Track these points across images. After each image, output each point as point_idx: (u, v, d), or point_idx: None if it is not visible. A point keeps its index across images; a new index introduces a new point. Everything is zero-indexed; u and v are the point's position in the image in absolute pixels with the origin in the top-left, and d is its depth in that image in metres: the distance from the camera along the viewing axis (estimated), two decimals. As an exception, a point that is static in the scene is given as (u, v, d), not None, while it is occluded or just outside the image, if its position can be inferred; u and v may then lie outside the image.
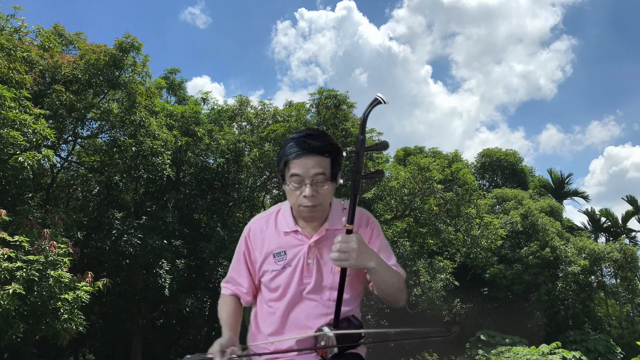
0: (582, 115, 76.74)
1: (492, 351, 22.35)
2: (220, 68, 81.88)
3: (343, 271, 1.88)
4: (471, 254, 25.00)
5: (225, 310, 2.11)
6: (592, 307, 27.71)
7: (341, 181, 1.92)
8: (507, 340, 23.99)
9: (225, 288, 2.18)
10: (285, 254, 2.03)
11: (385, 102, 1.77)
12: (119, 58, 16.94)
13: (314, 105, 21.20)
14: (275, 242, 2.06)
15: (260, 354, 2.02)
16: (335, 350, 1.91)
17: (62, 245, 12.31)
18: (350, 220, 1.83)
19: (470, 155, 72.93)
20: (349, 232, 1.83)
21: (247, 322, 2.19)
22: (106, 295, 15.78)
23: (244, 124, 22.15)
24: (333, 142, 1.93)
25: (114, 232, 18.00)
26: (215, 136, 21.14)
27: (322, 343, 1.93)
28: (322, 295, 2.01)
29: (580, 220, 54.56)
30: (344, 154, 1.95)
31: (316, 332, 1.94)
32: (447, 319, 27.36)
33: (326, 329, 1.92)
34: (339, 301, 1.91)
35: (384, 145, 1.93)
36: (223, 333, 1.97)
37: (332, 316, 1.95)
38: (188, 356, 1.87)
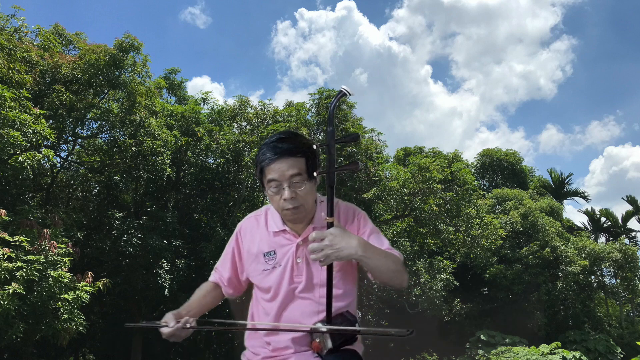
0: (582, 115, 76.83)
1: (492, 351, 22.34)
2: (220, 68, 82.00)
3: (329, 266, 1.88)
4: (471, 254, 24.98)
5: (196, 293, 2.22)
6: (592, 307, 27.70)
7: (315, 174, 1.93)
8: (507, 340, 23.98)
9: (212, 274, 2.28)
10: (274, 253, 2.06)
11: (350, 94, 1.80)
12: (119, 58, 16.93)
13: (314, 105, 21.21)
14: (266, 241, 2.08)
15: (210, 327, 2.07)
16: (330, 345, 1.91)
17: (62, 245, 12.30)
18: (330, 213, 1.83)
19: (470, 155, 73.07)
20: (329, 225, 1.83)
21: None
22: (106, 295, 15.78)
23: (244, 124, 22.16)
24: (305, 141, 1.95)
25: (114, 232, 17.99)
26: (215, 136, 21.13)
27: (317, 340, 1.93)
28: (315, 293, 2.02)
29: (580, 220, 54.62)
30: (314, 147, 1.97)
31: (310, 328, 1.94)
32: (447, 319, 27.37)
33: (320, 325, 1.92)
34: (329, 297, 1.91)
35: (355, 137, 1.96)
36: (178, 309, 2.04)
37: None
38: (143, 322, 1.97)
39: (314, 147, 1.96)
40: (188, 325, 1.93)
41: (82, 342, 20.98)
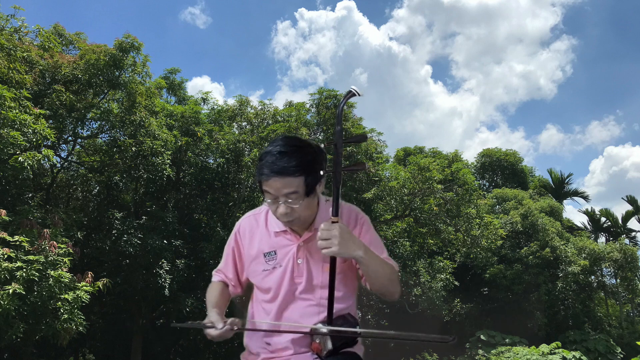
0: (582, 115, 76.76)
1: (492, 351, 22.34)
2: (220, 68, 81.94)
3: (332, 266, 1.88)
4: (471, 254, 24.98)
5: (213, 293, 2.16)
6: (592, 307, 27.70)
7: (322, 172, 1.89)
8: (507, 340, 23.98)
9: (216, 276, 2.25)
10: (275, 253, 2.04)
11: (359, 94, 1.81)
12: (119, 58, 16.93)
13: (314, 105, 21.21)
14: (266, 241, 2.06)
15: (261, 330, 2.05)
16: (330, 347, 1.90)
17: (62, 245, 12.29)
18: (335, 212, 1.83)
19: (470, 155, 73.05)
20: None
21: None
22: (106, 295, 15.77)
23: (244, 124, 22.16)
24: (307, 157, 1.84)
25: (114, 232, 17.99)
26: (215, 136, 21.13)
27: (317, 341, 1.92)
28: (315, 294, 2.01)
29: (580, 220, 54.50)
30: (322, 145, 1.94)
31: (311, 329, 1.93)
32: (447, 319, 27.36)
33: (320, 326, 1.92)
34: (331, 298, 1.90)
35: (363, 138, 1.98)
36: (210, 311, 1.99)
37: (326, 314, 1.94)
38: (189, 322, 1.99)
39: (319, 151, 1.90)
40: (235, 328, 1.89)
41: (82, 342, 20.96)
